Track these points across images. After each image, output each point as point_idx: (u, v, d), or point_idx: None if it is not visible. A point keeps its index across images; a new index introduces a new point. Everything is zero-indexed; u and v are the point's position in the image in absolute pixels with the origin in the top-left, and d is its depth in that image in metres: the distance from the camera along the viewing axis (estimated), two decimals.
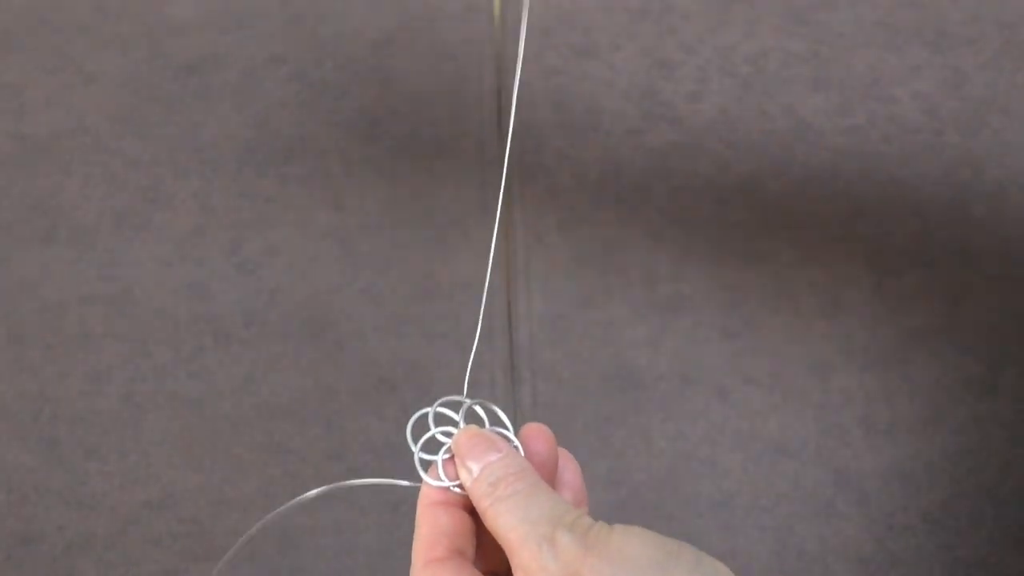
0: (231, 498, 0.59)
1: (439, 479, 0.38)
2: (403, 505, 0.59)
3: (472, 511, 0.37)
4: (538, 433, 0.39)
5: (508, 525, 0.34)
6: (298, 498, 0.40)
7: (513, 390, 0.63)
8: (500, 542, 0.35)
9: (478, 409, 0.41)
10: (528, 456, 0.38)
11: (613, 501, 0.59)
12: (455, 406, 0.41)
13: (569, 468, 0.39)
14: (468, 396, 0.41)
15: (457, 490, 0.37)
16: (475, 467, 0.37)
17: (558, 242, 0.67)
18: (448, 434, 0.39)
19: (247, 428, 0.62)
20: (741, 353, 0.63)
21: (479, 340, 0.64)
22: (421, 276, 0.67)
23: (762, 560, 0.57)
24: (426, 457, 0.39)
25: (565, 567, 0.32)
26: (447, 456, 0.38)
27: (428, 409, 0.41)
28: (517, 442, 0.38)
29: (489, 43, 0.78)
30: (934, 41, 0.77)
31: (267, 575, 0.57)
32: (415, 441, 0.40)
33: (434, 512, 0.38)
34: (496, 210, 0.40)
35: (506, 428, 0.40)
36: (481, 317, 0.42)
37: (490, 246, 0.39)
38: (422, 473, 0.38)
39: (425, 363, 0.64)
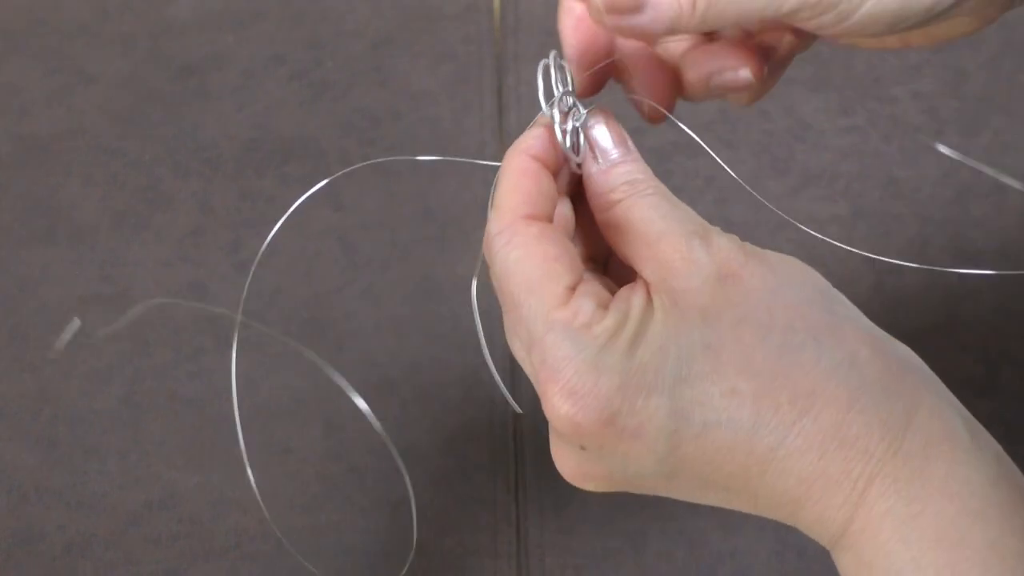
0: (231, 498, 0.59)
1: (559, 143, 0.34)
2: (403, 505, 0.59)
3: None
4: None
5: (648, 219, 0.32)
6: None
7: (512, 388, 0.63)
8: (625, 236, 0.32)
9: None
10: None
11: (612, 500, 0.59)
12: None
13: None
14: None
15: (573, 159, 0.34)
16: (611, 155, 0.34)
17: None
18: (567, 96, 0.35)
19: (247, 428, 0.62)
20: None
21: (478, 340, 0.64)
22: (421, 276, 0.67)
23: (762, 560, 0.57)
24: (556, 118, 0.35)
25: (721, 264, 0.31)
26: (576, 124, 0.35)
27: (548, 60, 0.36)
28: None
29: (489, 43, 0.78)
30: None
31: (267, 574, 0.57)
32: (547, 96, 0.35)
33: (523, 170, 0.34)
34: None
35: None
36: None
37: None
38: (564, 143, 0.34)
39: (425, 363, 0.64)
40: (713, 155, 0.39)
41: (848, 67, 0.76)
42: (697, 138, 0.39)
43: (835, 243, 0.44)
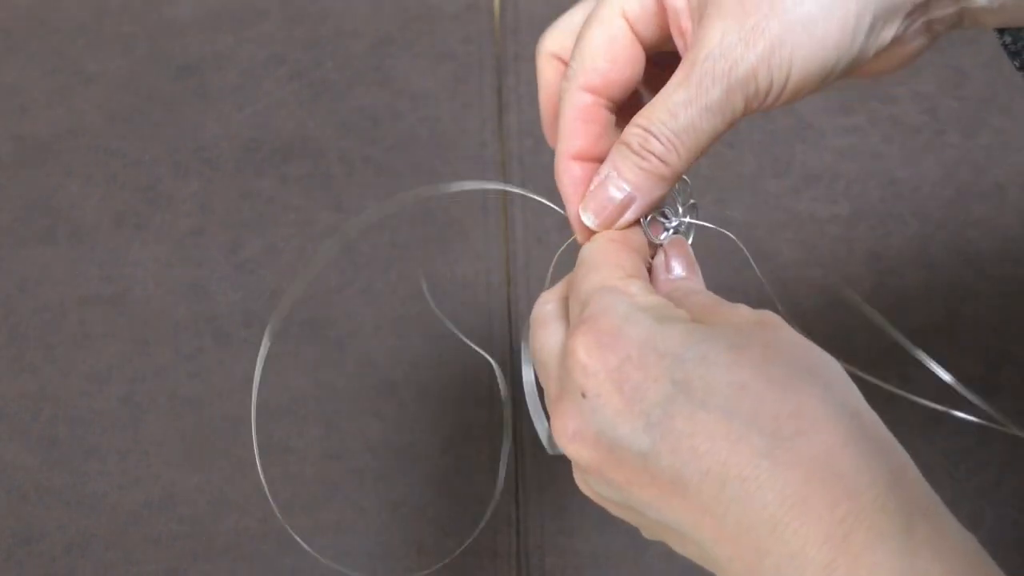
0: (231, 498, 0.59)
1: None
2: (403, 506, 0.59)
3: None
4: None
5: (701, 299, 0.35)
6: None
7: (512, 390, 0.63)
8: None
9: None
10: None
11: None
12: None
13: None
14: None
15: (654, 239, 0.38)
16: (677, 273, 0.37)
17: (558, 242, 0.67)
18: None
19: (247, 428, 0.62)
20: None
21: (479, 340, 0.64)
22: (421, 276, 0.67)
23: None
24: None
25: (761, 316, 0.33)
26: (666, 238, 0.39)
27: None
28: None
29: (490, 43, 0.78)
30: None
31: (267, 575, 0.57)
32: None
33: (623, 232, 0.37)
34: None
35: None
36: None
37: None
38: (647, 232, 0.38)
39: (425, 363, 0.64)
40: None
41: None
42: None
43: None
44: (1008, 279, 0.66)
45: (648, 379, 0.31)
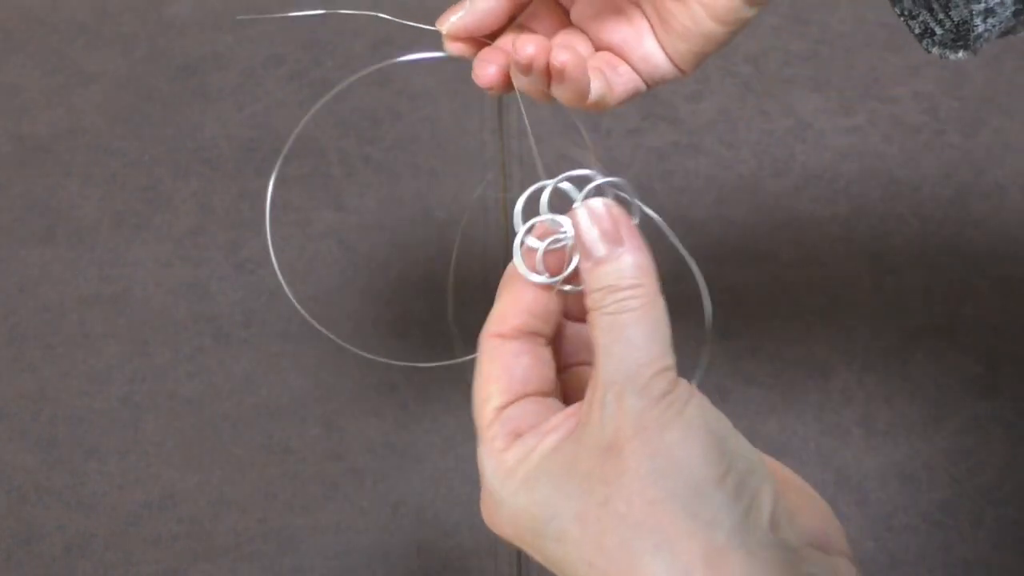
0: (231, 498, 0.59)
1: (535, 270, 0.34)
2: (403, 506, 0.59)
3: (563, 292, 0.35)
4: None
5: (600, 345, 0.32)
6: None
7: None
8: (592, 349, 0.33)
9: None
10: None
11: None
12: (580, 183, 0.35)
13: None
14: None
15: (544, 280, 0.34)
16: (595, 253, 0.33)
17: None
18: (558, 222, 0.34)
19: (247, 428, 0.62)
20: (741, 353, 0.63)
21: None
22: (421, 276, 0.67)
23: None
24: (532, 244, 0.34)
25: (612, 434, 0.32)
26: (554, 247, 0.34)
27: (547, 183, 0.35)
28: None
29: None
30: None
31: (267, 575, 0.57)
32: (524, 219, 0.35)
33: (519, 286, 0.35)
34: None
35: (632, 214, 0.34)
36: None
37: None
38: (519, 261, 0.34)
39: (425, 363, 0.64)
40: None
41: (848, 67, 0.76)
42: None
43: None
44: (1008, 279, 0.66)
45: (530, 551, 0.33)
